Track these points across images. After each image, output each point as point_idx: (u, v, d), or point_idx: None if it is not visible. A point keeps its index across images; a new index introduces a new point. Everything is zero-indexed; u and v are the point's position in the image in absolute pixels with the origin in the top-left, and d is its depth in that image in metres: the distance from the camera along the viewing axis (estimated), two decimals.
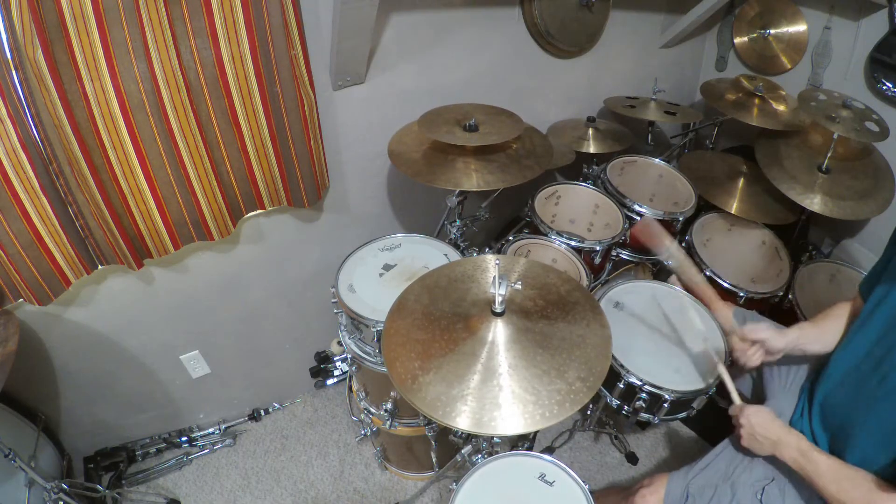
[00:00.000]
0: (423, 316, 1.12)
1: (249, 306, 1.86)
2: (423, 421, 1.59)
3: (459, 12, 1.71)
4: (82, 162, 1.22)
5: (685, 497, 1.17)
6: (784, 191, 1.67)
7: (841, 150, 1.75)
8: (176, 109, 1.29)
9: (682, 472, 1.22)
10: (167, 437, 1.97)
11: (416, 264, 1.53)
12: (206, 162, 1.40)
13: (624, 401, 1.37)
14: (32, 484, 1.43)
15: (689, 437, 2.02)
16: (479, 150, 1.51)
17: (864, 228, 2.00)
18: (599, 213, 1.88)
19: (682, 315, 1.43)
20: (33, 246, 1.28)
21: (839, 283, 1.76)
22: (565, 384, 0.98)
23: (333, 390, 2.21)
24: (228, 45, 1.28)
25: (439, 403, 0.96)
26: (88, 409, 1.76)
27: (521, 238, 1.69)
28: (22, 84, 1.09)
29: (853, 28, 1.86)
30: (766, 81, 1.95)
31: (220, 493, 1.89)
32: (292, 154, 1.50)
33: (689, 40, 2.35)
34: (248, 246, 1.72)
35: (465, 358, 1.02)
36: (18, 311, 1.44)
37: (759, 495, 1.10)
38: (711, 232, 1.93)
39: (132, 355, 1.73)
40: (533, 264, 1.23)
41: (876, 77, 1.80)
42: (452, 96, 1.74)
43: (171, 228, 1.45)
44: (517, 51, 1.91)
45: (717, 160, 2.05)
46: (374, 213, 1.94)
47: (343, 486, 1.91)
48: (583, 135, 2.03)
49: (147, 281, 1.61)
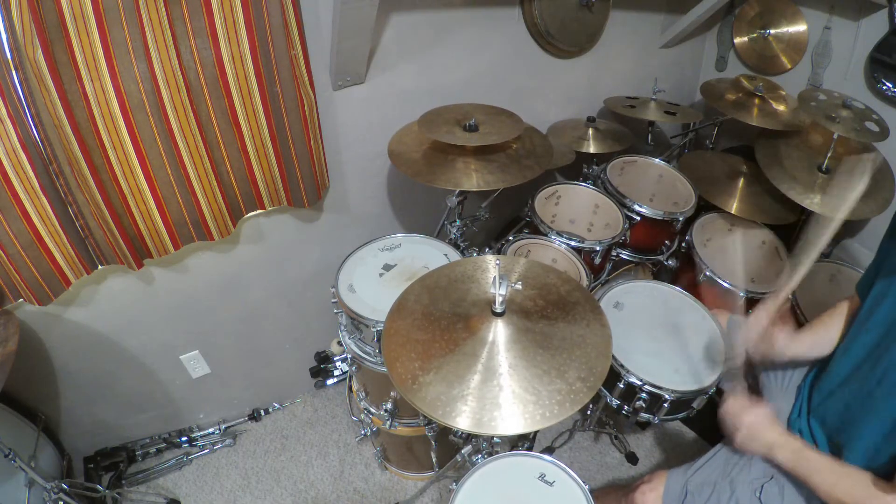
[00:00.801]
0: (424, 316, 1.12)
1: (249, 306, 1.86)
2: (423, 421, 1.59)
3: (459, 12, 1.71)
4: (82, 162, 1.22)
5: (684, 494, 1.17)
6: (784, 191, 1.67)
7: (841, 150, 1.75)
8: (176, 109, 1.28)
9: (681, 470, 1.22)
10: (167, 437, 1.97)
11: (416, 264, 1.53)
12: (206, 162, 1.40)
13: (624, 401, 1.37)
14: (32, 484, 1.43)
15: (689, 437, 2.02)
16: (479, 150, 1.51)
17: (864, 228, 2.00)
18: (599, 213, 1.88)
19: (683, 314, 1.43)
20: (33, 246, 1.28)
21: (839, 283, 1.76)
22: (565, 384, 0.98)
23: (333, 390, 2.21)
24: (228, 45, 1.28)
25: (439, 403, 0.96)
26: (88, 409, 1.76)
27: (521, 238, 1.69)
28: (22, 84, 1.09)
29: (853, 28, 1.86)
30: (766, 81, 1.95)
31: (220, 493, 1.89)
32: (292, 154, 1.50)
33: (689, 40, 2.35)
34: (248, 246, 1.72)
35: (465, 358, 1.02)
36: (18, 311, 1.44)
37: (758, 493, 1.10)
38: (711, 232, 1.93)
39: (132, 355, 1.73)
40: (533, 264, 1.23)
41: (876, 77, 1.80)
42: (452, 96, 1.74)
43: (171, 228, 1.45)
44: (517, 51, 1.91)
45: (717, 160, 2.05)
46: (374, 213, 1.94)
47: (343, 486, 1.91)
48: (583, 135, 2.03)
49: (147, 281, 1.61)
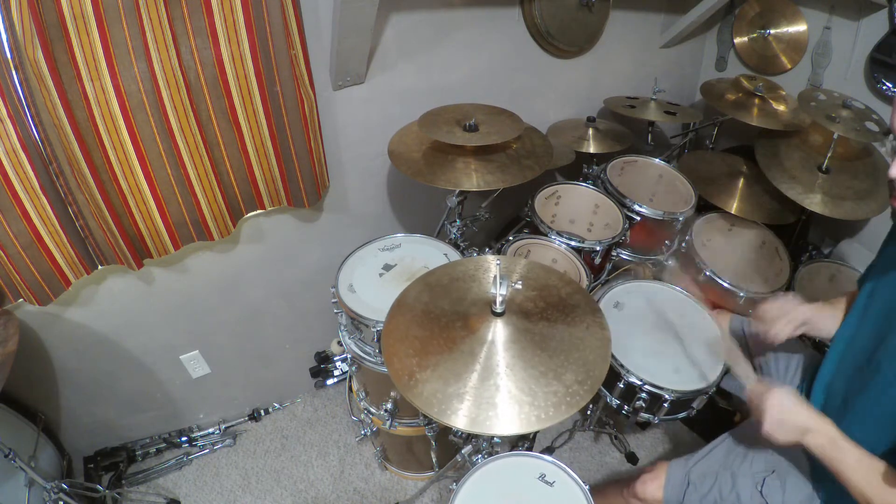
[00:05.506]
0: (423, 314, 1.12)
1: (249, 306, 1.86)
2: (423, 421, 1.59)
3: (459, 12, 1.71)
4: (82, 162, 1.23)
5: (685, 484, 1.17)
6: (784, 191, 1.67)
7: (841, 150, 1.75)
8: (176, 109, 1.29)
9: (682, 460, 1.23)
10: (167, 437, 1.97)
11: (416, 264, 1.53)
12: (206, 162, 1.40)
13: (624, 401, 1.37)
14: (32, 484, 1.43)
15: (689, 437, 2.02)
16: (479, 150, 1.51)
17: (865, 228, 2.00)
18: (599, 213, 1.88)
19: (683, 314, 1.43)
20: (33, 246, 1.28)
21: (839, 283, 1.76)
22: (562, 386, 0.97)
23: (333, 390, 2.21)
24: (228, 45, 1.28)
25: (435, 401, 0.96)
26: (88, 409, 1.76)
27: (521, 238, 1.69)
28: (22, 84, 1.09)
29: (853, 28, 1.86)
30: (766, 81, 1.95)
31: (220, 493, 1.89)
32: (292, 154, 1.50)
33: (689, 40, 2.35)
34: (248, 246, 1.72)
35: (463, 357, 1.02)
36: (18, 311, 1.44)
37: (759, 486, 1.10)
38: (711, 232, 1.93)
39: (132, 355, 1.73)
40: (534, 265, 1.23)
41: (876, 77, 1.80)
42: (452, 96, 1.74)
43: (171, 228, 1.45)
44: (517, 51, 1.91)
45: (717, 160, 2.05)
46: (374, 213, 1.94)
47: (343, 486, 1.91)
48: (583, 135, 2.03)
49: (147, 281, 1.61)
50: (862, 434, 1.00)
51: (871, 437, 0.98)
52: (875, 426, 0.98)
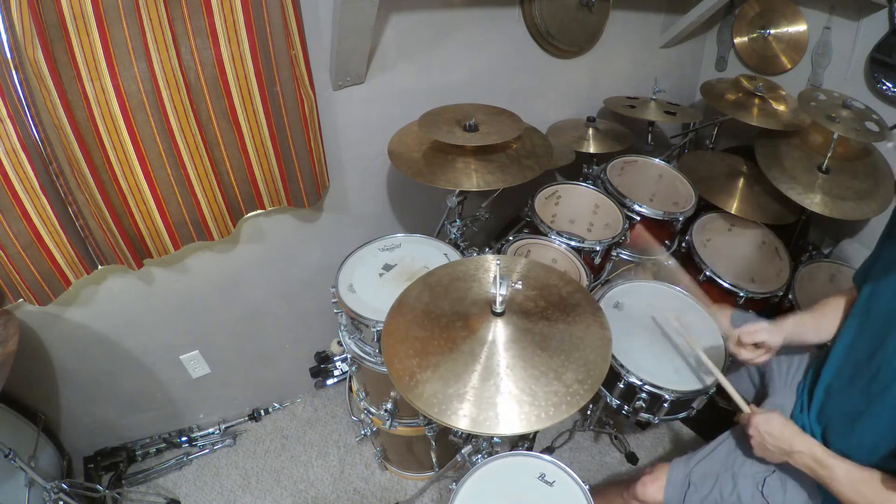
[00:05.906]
0: (423, 314, 1.12)
1: (249, 306, 1.86)
2: (423, 421, 1.59)
3: (459, 12, 1.71)
4: (82, 162, 1.23)
5: (686, 485, 1.17)
6: (784, 191, 1.67)
7: (841, 150, 1.75)
8: (176, 109, 1.29)
9: (683, 460, 1.23)
10: (167, 437, 1.97)
11: (416, 264, 1.53)
12: (206, 162, 1.40)
13: (624, 401, 1.37)
14: (32, 484, 1.43)
15: (689, 437, 2.02)
16: (479, 150, 1.51)
17: (864, 228, 2.00)
18: (599, 213, 1.88)
19: (683, 315, 1.43)
20: (33, 246, 1.28)
21: (839, 283, 1.76)
22: (563, 386, 0.97)
23: (333, 390, 2.21)
24: (228, 45, 1.28)
25: (436, 401, 0.96)
26: (88, 409, 1.76)
27: (521, 238, 1.69)
28: (22, 84, 1.09)
29: (853, 28, 1.86)
30: (766, 81, 1.95)
31: (220, 493, 1.89)
32: (292, 154, 1.50)
33: (689, 40, 2.35)
34: (248, 246, 1.72)
35: (463, 357, 1.02)
36: (18, 311, 1.44)
37: (760, 487, 1.10)
38: (711, 232, 1.93)
39: (132, 355, 1.73)
40: (534, 265, 1.23)
41: (876, 77, 1.80)
42: (452, 96, 1.74)
43: (171, 228, 1.45)
44: (517, 51, 1.91)
45: (717, 160, 2.05)
46: (374, 213, 1.94)
47: (343, 486, 1.91)
48: (583, 135, 2.03)
49: (147, 281, 1.61)
50: (862, 435, 1.00)
51: (872, 439, 0.98)
52: (875, 428, 0.98)
